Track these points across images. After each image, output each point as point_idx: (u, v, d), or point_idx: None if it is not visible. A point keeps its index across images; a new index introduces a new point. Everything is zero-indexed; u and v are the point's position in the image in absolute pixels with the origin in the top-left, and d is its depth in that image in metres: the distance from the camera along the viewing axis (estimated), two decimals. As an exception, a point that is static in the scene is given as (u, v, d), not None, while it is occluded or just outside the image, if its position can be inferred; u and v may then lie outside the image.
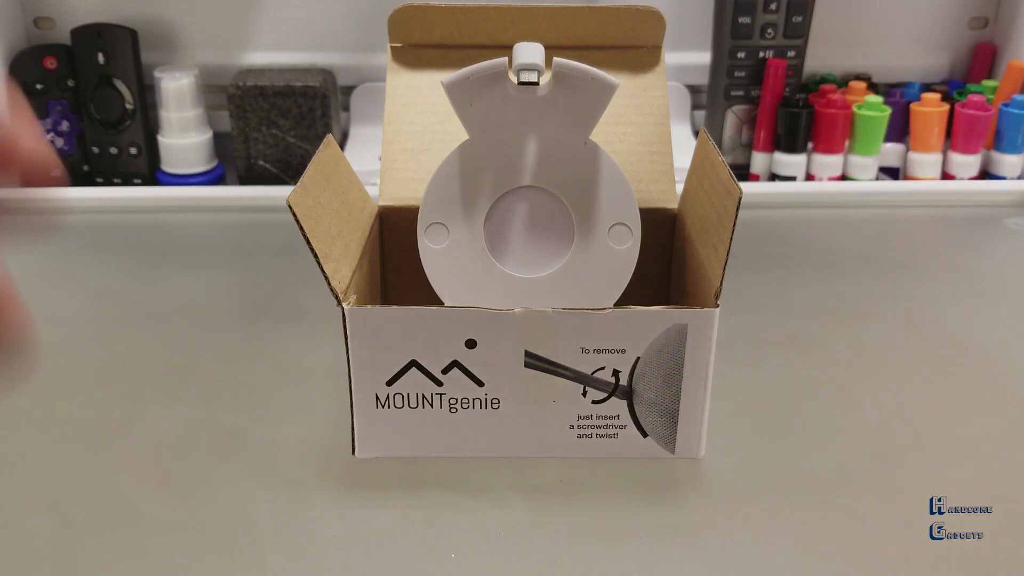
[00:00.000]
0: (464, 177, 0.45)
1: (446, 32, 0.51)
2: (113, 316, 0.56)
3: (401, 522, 0.40)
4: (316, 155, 0.42)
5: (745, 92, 0.77)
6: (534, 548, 0.38)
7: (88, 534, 0.39)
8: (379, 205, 0.49)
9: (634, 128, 0.50)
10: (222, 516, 0.40)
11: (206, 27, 0.80)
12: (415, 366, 0.41)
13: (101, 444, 0.45)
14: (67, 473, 0.43)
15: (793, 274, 0.62)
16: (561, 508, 0.41)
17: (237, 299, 0.59)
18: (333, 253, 0.41)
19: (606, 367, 0.41)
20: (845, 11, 0.82)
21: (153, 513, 0.40)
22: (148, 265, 0.63)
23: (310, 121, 0.74)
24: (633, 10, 0.50)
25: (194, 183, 0.76)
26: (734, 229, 0.38)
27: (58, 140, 0.76)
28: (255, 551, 0.38)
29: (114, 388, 0.49)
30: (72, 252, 0.65)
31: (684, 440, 0.43)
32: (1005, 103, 0.76)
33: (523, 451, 0.43)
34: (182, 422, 0.46)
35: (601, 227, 0.45)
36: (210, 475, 0.42)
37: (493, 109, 0.43)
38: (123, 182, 0.77)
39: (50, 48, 0.75)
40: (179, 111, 0.74)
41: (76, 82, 0.75)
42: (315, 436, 0.45)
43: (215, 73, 0.79)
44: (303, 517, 0.40)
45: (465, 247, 0.45)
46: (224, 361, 0.52)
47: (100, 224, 0.70)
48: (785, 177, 0.76)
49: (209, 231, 0.70)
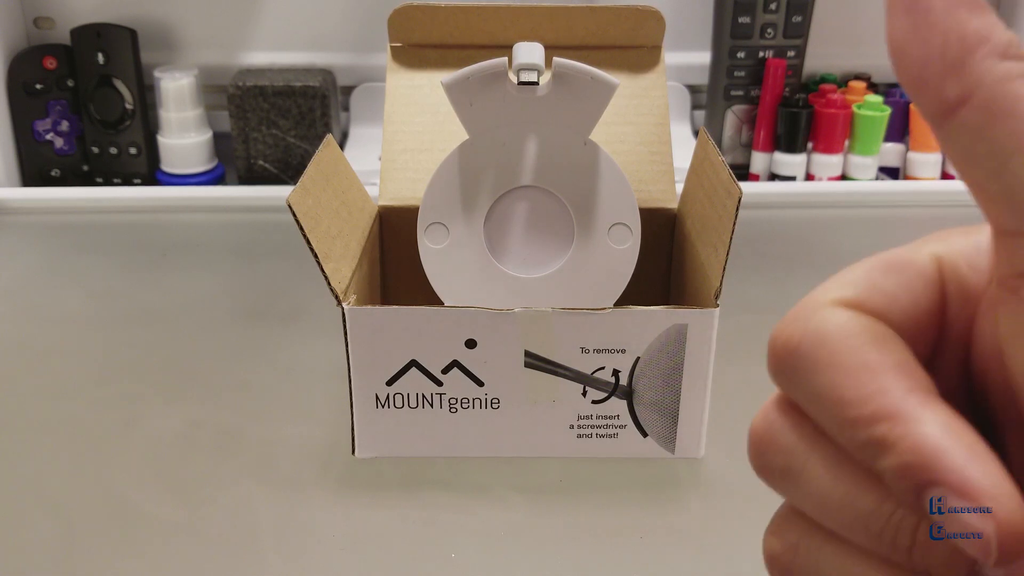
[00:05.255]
0: (464, 177, 0.45)
1: (446, 32, 0.51)
2: (113, 316, 0.56)
3: (401, 522, 0.40)
4: (316, 155, 0.42)
5: (745, 92, 0.77)
6: (534, 548, 0.38)
7: (88, 534, 0.39)
8: (379, 205, 0.49)
9: (634, 128, 0.50)
10: (222, 516, 0.40)
11: (206, 27, 0.80)
12: (415, 366, 0.41)
13: (101, 444, 0.45)
14: (67, 473, 0.43)
15: (793, 274, 0.62)
16: (561, 508, 0.41)
17: (237, 299, 0.59)
18: (333, 253, 0.41)
19: (606, 367, 0.41)
20: (845, 11, 0.82)
21: (153, 513, 0.40)
22: (148, 265, 0.63)
23: (310, 121, 0.74)
24: (633, 10, 0.50)
25: (194, 183, 0.76)
26: (734, 229, 0.38)
27: (58, 140, 0.76)
28: (255, 551, 0.38)
29: (114, 388, 0.49)
30: (72, 252, 0.65)
31: (684, 440, 0.43)
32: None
33: (523, 451, 0.43)
34: (182, 422, 0.46)
35: (601, 227, 0.45)
36: (210, 475, 0.42)
37: (493, 109, 0.43)
38: (123, 182, 0.77)
39: (50, 48, 0.75)
40: (179, 111, 0.74)
41: (76, 82, 0.75)
42: (315, 436, 0.45)
43: (215, 73, 0.79)
44: (303, 517, 0.40)
45: (465, 247, 0.45)
46: (224, 361, 0.52)
47: (100, 224, 0.70)
48: (785, 177, 0.76)
49: (209, 231, 0.70)
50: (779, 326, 0.18)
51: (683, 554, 0.38)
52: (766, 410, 0.19)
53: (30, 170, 0.76)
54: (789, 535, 0.19)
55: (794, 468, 0.18)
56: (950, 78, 0.16)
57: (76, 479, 0.42)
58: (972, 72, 0.15)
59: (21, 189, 0.75)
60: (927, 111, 0.16)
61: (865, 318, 0.17)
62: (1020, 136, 0.15)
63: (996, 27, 0.16)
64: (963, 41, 0.15)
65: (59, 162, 0.76)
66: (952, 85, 0.16)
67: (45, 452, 0.44)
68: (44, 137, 0.76)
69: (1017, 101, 0.15)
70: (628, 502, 0.41)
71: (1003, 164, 0.15)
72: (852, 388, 0.16)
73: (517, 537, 0.39)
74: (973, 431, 0.16)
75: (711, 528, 0.39)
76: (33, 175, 0.77)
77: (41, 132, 0.75)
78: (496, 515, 0.40)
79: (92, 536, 0.39)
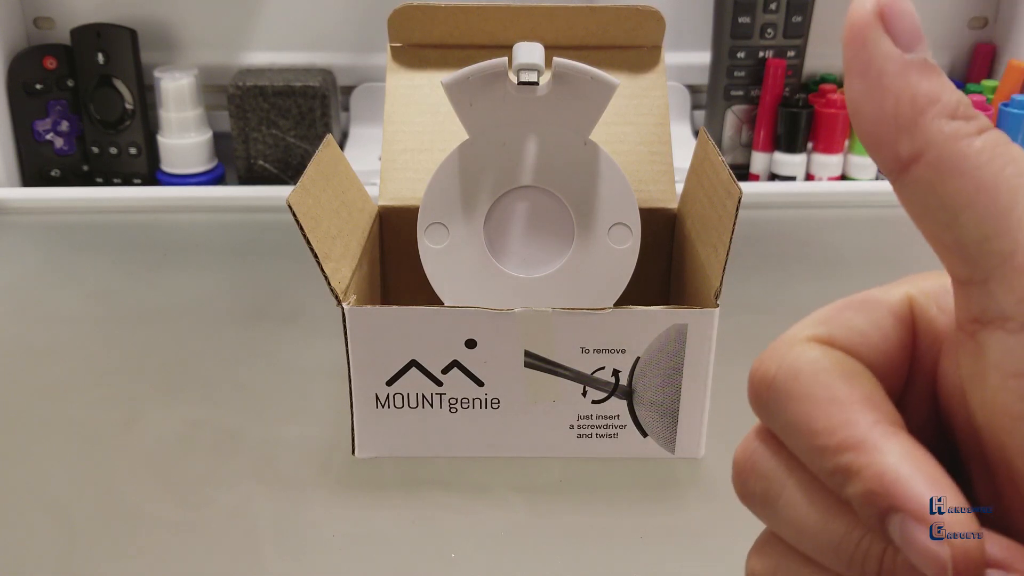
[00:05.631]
0: (464, 177, 0.45)
1: (446, 32, 0.51)
2: (113, 316, 0.56)
3: (401, 522, 0.40)
4: (316, 155, 0.42)
5: (745, 92, 0.77)
6: (534, 548, 0.38)
7: (88, 534, 0.39)
8: (379, 205, 0.49)
9: (634, 128, 0.50)
10: (222, 516, 0.40)
11: (206, 27, 0.80)
12: (415, 366, 0.41)
13: (101, 444, 0.45)
14: (67, 473, 0.43)
15: (793, 274, 0.62)
16: (561, 508, 0.41)
17: (237, 299, 0.59)
18: (333, 253, 0.41)
19: (606, 367, 0.41)
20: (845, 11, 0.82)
21: (153, 513, 0.40)
22: (148, 265, 0.63)
23: (310, 121, 0.74)
24: (633, 10, 0.50)
25: (194, 183, 0.76)
26: (734, 229, 0.38)
27: (58, 140, 0.76)
28: (255, 551, 0.38)
29: (114, 388, 0.49)
30: (72, 252, 0.65)
31: (684, 440, 0.43)
32: (1005, 103, 0.76)
33: (523, 451, 0.43)
34: (182, 422, 0.46)
35: (601, 227, 0.45)
36: (210, 475, 0.42)
37: (493, 109, 0.43)
38: (123, 182, 0.77)
39: (50, 48, 0.75)
40: (179, 111, 0.74)
41: (76, 82, 0.75)
42: (315, 436, 0.45)
43: (215, 73, 0.79)
44: (303, 517, 0.40)
45: (465, 247, 0.45)
46: (224, 361, 0.52)
47: (100, 224, 0.70)
48: (785, 177, 0.76)
49: (209, 231, 0.70)
50: (757, 361, 0.19)
51: (683, 554, 0.38)
52: (748, 439, 0.20)
53: (30, 170, 0.76)
54: (770, 558, 0.20)
55: (772, 494, 0.19)
56: (903, 137, 0.17)
57: (76, 479, 0.42)
58: (923, 132, 0.16)
59: (21, 189, 0.75)
60: (883, 166, 0.17)
61: (837, 354, 0.19)
62: (968, 192, 0.16)
63: (946, 89, 0.17)
64: (914, 102, 0.16)
65: (59, 162, 0.76)
66: (905, 143, 0.17)
67: (45, 452, 0.44)
68: (44, 137, 0.76)
69: (965, 159, 0.16)
70: (628, 502, 0.41)
71: (954, 218, 0.16)
72: (822, 419, 0.17)
73: (517, 537, 0.39)
74: (935, 461, 0.17)
75: (711, 528, 0.39)
76: (33, 175, 0.77)
77: (41, 132, 0.75)
78: (496, 515, 0.40)
79: (92, 536, 0.39)
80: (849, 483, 0.17)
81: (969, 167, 0.16)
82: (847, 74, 0.17)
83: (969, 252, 0.16)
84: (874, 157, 0.17)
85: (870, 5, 0.17)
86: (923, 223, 0.17)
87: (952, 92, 0.17)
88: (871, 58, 0.17)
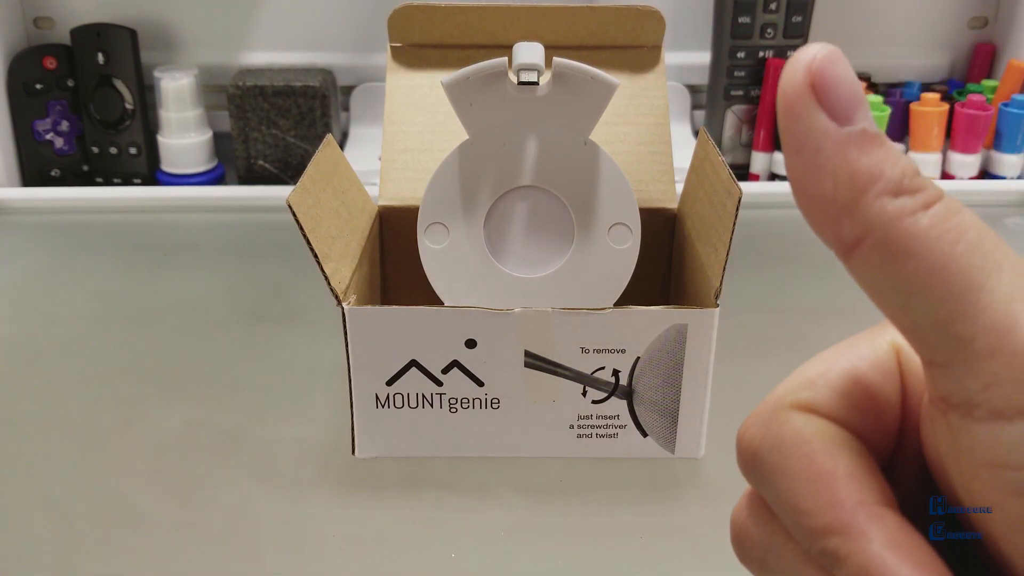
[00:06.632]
0: (464, 177, 0.45)
1: (446, 32, 0.51)
2: (113, 316, 0.56)
3: (401, 522, 0.40)
4: (316, 155, 0.42)
5: (745, 92, 0.77)
6: (534, 548, 0.38)
7: (88, 534, 0.39)
8: (379, 205, 0.49)
9: (634, 128, 0.50)
10: (222, 516, 0.40)
11: (206, 27, 0.80)
12: (415, 366, 0.41)
13: (101, 444, 0.45)
14: (67, 473, 0.43)
15: (793, 274, 0.62)
16: (561, 508, 0.41)
17: (237, 299, 0.59)
18: (333, 253, 0.41)
19: (606, 367, 0.41)
20: (845, 11, 0.82)
21: (153, 513, 0.40)
22: (148, 265, 0.63)
23: (310, 121, 0.74)
24: (633, 10, 0.50)
25: (194, 183, 0.76)
26: (734, 229, 0.38)
27: (58, 140, 0.76)
28: (255, 551, 0.38)
29: (114, 388, 0.49)
30: (72, 252, 0.65)
31: (684, 440, 0.43)
32: (1005, 103, 0.76)
33: (523, 451, 0.43)
34: (182, 422, 0.46)
35: (601, 227, 0.45)
36: (210, 475, 0.42)
37: (493, 109, 0.43)
38: (123, 182, 0.77)
39: (50, 48, 0.75)
40: (179, 111, 0.74)
41: (76, 82, 0.75)
42: (315, 436, 0.45)
43: (215, 73, 0.79)
44: (303, 517, 0.40)
45: (465, 247, 0.45)
46: (224, 361, 0.52)
47: (100, 224, 0.70)
48: (785, 177, 0.76)
49: (209, 231, 0.70)
50: (742, 427, 0.19)
51: (683, 554, 0.38)
52: (742, 503, 0.20)
53: (30, 170, 0.76)
54: None
55: (768, 562, 0.19)
56: (844, 219, 0.16)
57: (76, 479, 0.42)
58: (864, 214, 0.15)
59: (21, 189, 0.75)
60: (829, 246, 0.16)
61: (820, 423, 0.18)
62: (919, 275, 0.15)
63: (888, 161, 0.15)
64: (853, 182, 0.15)
65: (59, 162, 0.76)
66: (847, 226, 0.16)
67: (45, 452, 0.44)
68: (44, 137, 0.76)
69: (912, 239, 0.15)
70: (628, 502, 0.41)
71: (907, 301, 0.15)
72: (807, 498, 0.17)
73: (517, 537, 0.39)
74: (923, 542, 0.16)
75: (711, 528, 0.39)
76: (33, 175, 0.77)
77: (41, 132, 0.75)
78: (496, 515, 0.40)
79: (92, 536, 0.39)
80: (837, 567, 0.16)
81: (918, 248, 0.15)
82: (784, 149, 0.16)
83: (926, 337, 0.15)
84: (818, 236, 0.16)
85: (800, 76, 0.16)
86: (878, 304, 0.16)
87: (895, 164, 0.15)
88: (806, 135, 0.16)
